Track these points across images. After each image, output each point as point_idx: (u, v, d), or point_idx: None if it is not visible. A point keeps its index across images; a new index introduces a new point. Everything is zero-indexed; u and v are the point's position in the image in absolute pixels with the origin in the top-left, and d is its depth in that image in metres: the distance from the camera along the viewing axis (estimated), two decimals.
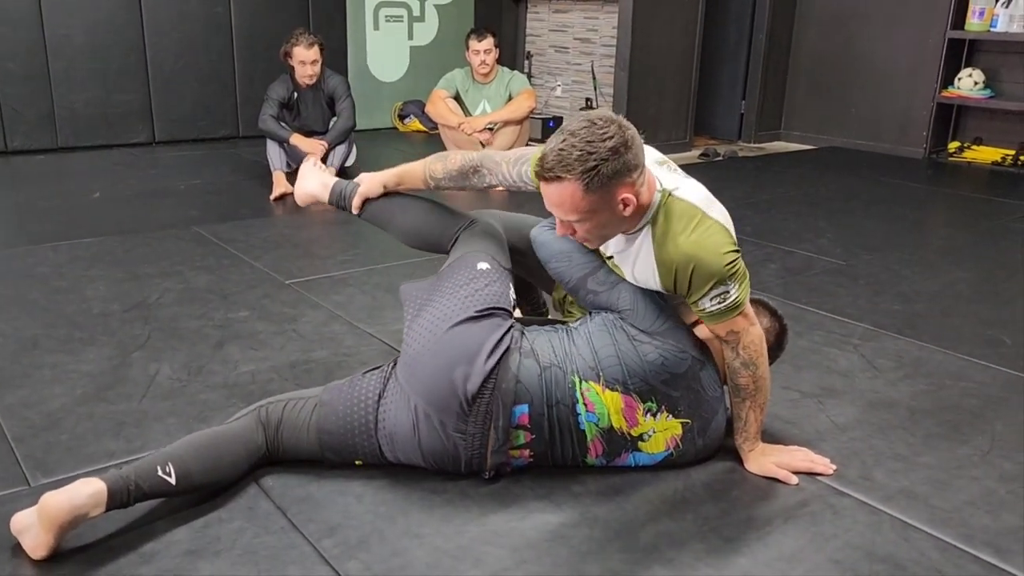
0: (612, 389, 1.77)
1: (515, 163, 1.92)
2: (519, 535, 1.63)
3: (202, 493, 1.70)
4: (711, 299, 1.70)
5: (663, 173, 1.77)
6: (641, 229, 1.75)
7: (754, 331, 1.78)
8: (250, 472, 1.79)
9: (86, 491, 1.52)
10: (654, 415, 1.79)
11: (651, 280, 1.78)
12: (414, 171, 2.08)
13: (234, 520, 1.66)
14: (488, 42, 4.78)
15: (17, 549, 1.54)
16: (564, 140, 1.60)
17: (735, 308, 1.72)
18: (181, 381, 2.24)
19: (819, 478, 1.85)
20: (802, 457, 1.89)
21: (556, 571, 1.54)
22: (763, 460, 1.86)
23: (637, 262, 1.79)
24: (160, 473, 1.61)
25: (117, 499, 1.56)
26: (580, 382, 1.77)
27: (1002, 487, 1.84)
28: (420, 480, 1.79)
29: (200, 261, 3.25)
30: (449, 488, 1.77)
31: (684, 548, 1.61)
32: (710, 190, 1.82)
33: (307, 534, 1.62)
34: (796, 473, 1.84)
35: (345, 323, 2.67)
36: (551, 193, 1.65)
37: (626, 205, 1.65)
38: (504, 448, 1.75)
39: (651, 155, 1.81)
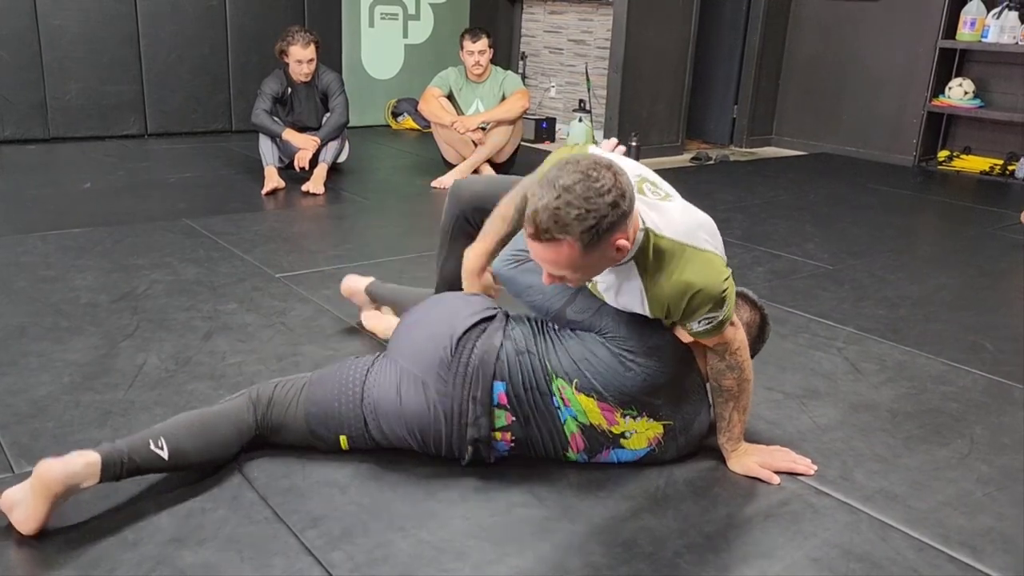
0: (587, 395, 1.78)
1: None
2: (502, 529, 1.65)
3: (189, 475, 1.72)
4: (699, 322, 1.71)
5: (644, 206, 1.67)
6: (627, 261, 1.69)
7: (739, 336, 1.80)
8: (240, 453, 1.81)
9: (81, 461, 1.56)
10: (634, 418, 1.80)
11: (637, 308, 1.75)
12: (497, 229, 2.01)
13: (218, 509, 1.66)
14: (482, 43, 4.78)
15: (4, 532, 1.55)
16: (559, 196, 1.47)
17: (723, 324, 1.73)
18: (168, 371, 2.25)
19: (800, 478, 1.87)
20: (783, 457, 1.91)
21: (538, 565, 1.55)
22: (745, 459, 1.88)
23: (621, 291, 1.75)
24: (153, 447, 1.64)
25: (110, 471, 1.58)
26: (555, 377, 1.78)
27: (979, 489, 1.87)
28: (405, 473, 1.80)
29: (190, 253, 3.25)
30: (433, 481, 1.79)
31: (665, 544, 1.63)
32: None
33: (291, 524, 1.63)
34: (778, 473, 1.86)
35: (334, 317, 2.68)
36: (544, 252, 1.54)
37: (619, 250, 1.57)
38: (483, 421, 1.76)
39: (630, 170, 1.75)
